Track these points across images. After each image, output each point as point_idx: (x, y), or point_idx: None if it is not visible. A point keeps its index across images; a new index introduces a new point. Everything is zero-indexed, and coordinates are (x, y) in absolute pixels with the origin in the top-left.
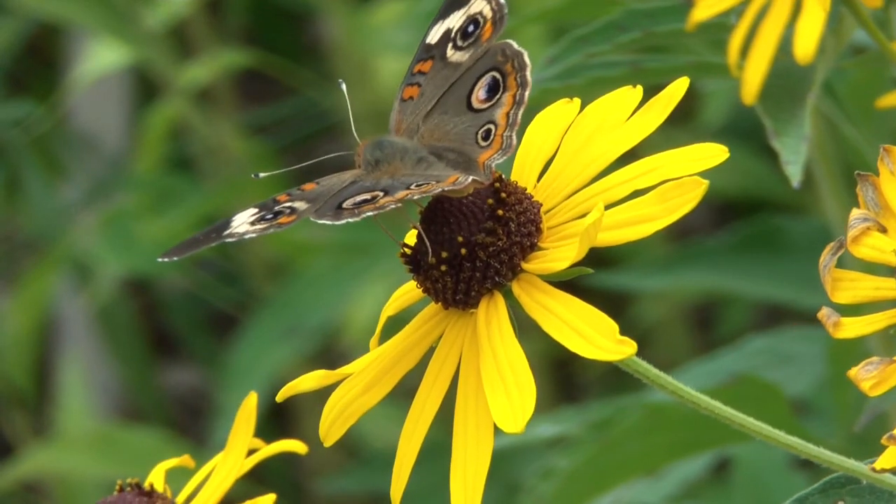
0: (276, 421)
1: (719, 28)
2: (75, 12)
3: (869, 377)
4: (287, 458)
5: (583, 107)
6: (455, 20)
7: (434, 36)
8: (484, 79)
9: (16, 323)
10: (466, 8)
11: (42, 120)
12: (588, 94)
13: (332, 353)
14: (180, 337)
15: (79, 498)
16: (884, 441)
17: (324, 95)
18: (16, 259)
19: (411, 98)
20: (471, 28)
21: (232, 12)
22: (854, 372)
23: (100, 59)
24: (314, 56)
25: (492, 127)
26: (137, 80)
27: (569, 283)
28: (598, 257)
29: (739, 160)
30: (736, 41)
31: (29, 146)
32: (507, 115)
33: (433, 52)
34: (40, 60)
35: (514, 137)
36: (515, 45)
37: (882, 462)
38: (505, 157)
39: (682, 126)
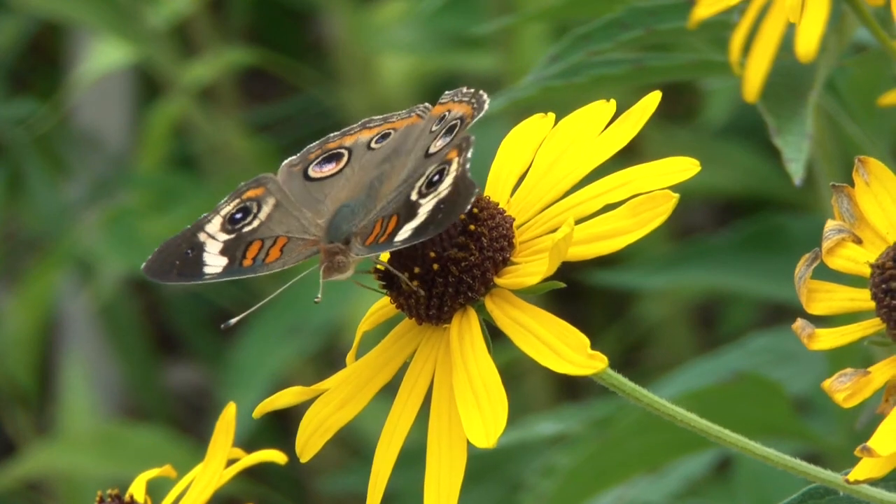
0: (278, 421)
1: (721, 26)
2: (78, 11)
3: (843, 388)
4: (288, 456)
5: (558, 119)
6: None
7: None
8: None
9: (19, 321)
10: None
11: (45, 118)
12: (590, 92)
13: (333, 353)
14: (183, 335)
15: (82, 496)
16: (857, 453)
17: (327, 94)
18: (19, 257)
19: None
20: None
21: (235, 11)
22: (828, 384)
23: (103, 57)
24: (317, 54)
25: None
26: (140, 78)
27: (570, 283)
28: (601, 257)
29: (741, 158)
30: (738, 39)
31: (32, 144)
32: None
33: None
34: (43, 59)
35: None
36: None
37: (856, 473)
38: None
39: (683, 124)
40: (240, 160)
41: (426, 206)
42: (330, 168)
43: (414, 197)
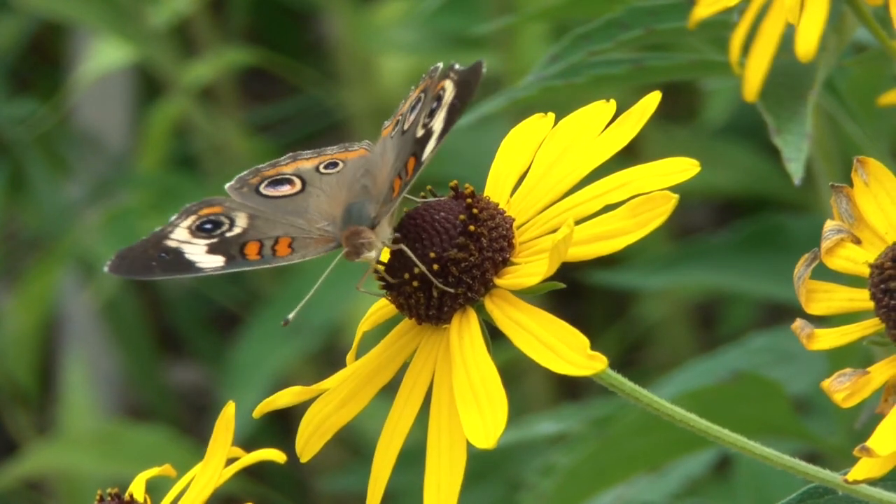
0: (278, 421)
1: (721, 26)
2: (79, 11)
3: (841, 388)
4: (289, 456)
5: (558, 119)
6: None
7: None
8: None
9: (20, 320)
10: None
11: (46, 118)
12: (590, 92)
13: (334, 352)
14: (184, 335)
15: (83, 496)
16: (856, 453)
17: (327, 94)
18: (20, 256)
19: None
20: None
21: (235, 10)
22: (827, 384)
23: (103, 57)
24: (317, 54)
25: None
26: (141, 78)
27: (570, 282)
28: (601, 257)
29: (741, 158)
30: (737, 39)
31: (33, 144)
32: None
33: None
34: (44, 59)
35: None
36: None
37: (855, 473)
38: None
39: (683, 124)
40: (240, 160)
41: (437, 119)
42: (286, 189)
43: (420, 133)
